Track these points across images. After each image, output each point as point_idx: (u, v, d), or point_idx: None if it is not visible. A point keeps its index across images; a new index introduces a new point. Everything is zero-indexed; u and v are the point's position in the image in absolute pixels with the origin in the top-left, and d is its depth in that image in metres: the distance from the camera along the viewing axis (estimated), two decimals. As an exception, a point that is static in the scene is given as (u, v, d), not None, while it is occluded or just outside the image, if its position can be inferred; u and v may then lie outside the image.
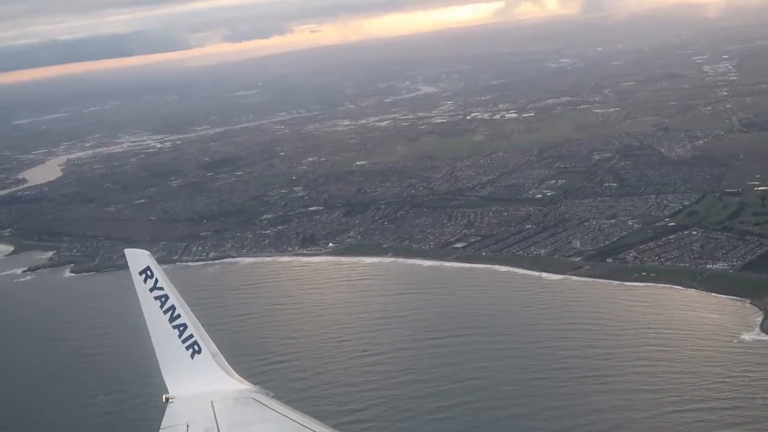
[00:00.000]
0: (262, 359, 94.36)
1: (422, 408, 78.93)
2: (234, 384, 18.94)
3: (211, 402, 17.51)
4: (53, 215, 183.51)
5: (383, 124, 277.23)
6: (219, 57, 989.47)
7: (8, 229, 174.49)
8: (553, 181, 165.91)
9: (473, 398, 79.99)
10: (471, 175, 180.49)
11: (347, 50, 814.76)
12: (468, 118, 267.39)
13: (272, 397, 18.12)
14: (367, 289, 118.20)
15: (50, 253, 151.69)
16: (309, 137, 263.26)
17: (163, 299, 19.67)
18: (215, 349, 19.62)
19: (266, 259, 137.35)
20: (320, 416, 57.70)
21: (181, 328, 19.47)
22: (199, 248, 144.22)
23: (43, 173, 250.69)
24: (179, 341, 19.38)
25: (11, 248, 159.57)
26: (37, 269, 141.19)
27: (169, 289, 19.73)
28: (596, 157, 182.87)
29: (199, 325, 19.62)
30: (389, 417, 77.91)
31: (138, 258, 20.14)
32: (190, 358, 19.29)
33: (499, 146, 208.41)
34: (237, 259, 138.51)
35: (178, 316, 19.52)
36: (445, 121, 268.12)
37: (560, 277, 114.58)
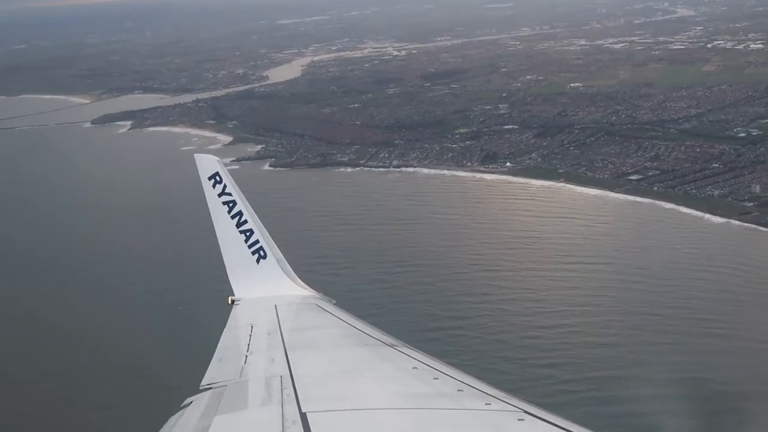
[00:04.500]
0: (397, 263, 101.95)
1: (518, 324, 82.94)
2: (297, 290, 19.30)
3: (275, 306, 17.67)
4: (275, 112, 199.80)
5: (618, 46, 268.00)
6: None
7: (233, 122, 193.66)
8: (765, 121, 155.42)
9: (571, 323, 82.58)
10: (682, 106, 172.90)
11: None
12: (709, 46, 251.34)
13: (335, 304, 18.40)
14: (525, 209, 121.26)
15: (259, 147, 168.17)
16: (537, 55, 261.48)
17: (230, 205, 19.73)
18: (280, 255, 20.04)
19: (445, 172, 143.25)
20: (421, 315, 65.27)
21: (248, 234, 19.72)
22: (386, 155, 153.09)
23: (285, 72, 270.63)
24: (245, 246, 19.69)
25: (230, 139, 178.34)
26: (243, 160, 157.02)
27: (237, 195, 19.85)
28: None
29: (266, 231, 20.15)
30: (481, 328, 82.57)
31: (208, 163, 20.12)
32: (255, 263, 19.63)
33: (726, 78, 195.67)
34: (417, 169, 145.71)
35: (245, 221, 19.80)
36: (683, 47, 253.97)
37: (723, 220, 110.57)
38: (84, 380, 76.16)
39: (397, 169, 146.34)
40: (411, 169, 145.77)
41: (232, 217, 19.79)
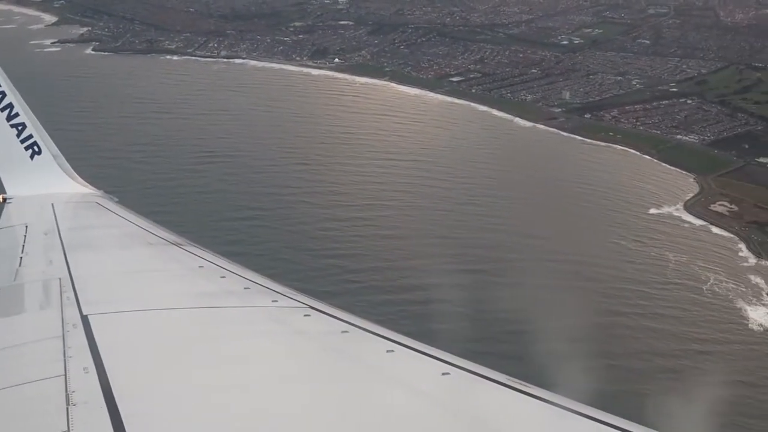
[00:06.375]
0: (210, 153, 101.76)
1: (317, 216, 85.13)
2: (76, 187, 18.16)
3: (52, 204, 16.43)
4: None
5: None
6: None
7: (61, 1, 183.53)
8: (589, 30, 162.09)
9: (367, 216, 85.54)
10: (515, 11, 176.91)
11: None
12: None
13: (117, 202, 17.34)
14: (345, 105, 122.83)
15: (84, 30, 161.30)
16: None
17: None
18: (57, 151, 18.74)
19: (273, 65, 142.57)
20: (224, 206, 65.11)
21: (20, 128, 18.28)
22: (216, 45, 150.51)
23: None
24: (17, 141, 18.27)
25: (55, 19, 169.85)
26: (66, 43, 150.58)
27: (6, 86, 18.34)
28: (650, 11, 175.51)
29: (40, 125, 18.77)
30: (279, 219, 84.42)
31: None
32: (29, 159, 18.27)
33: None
34: (246, 60, 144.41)
35: (17, 114, 18.31)
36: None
37: (530, 124, 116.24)
38: None
39: (224, 60, 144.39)
40: (239, 61, 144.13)
41: (2, 110, 18.34)
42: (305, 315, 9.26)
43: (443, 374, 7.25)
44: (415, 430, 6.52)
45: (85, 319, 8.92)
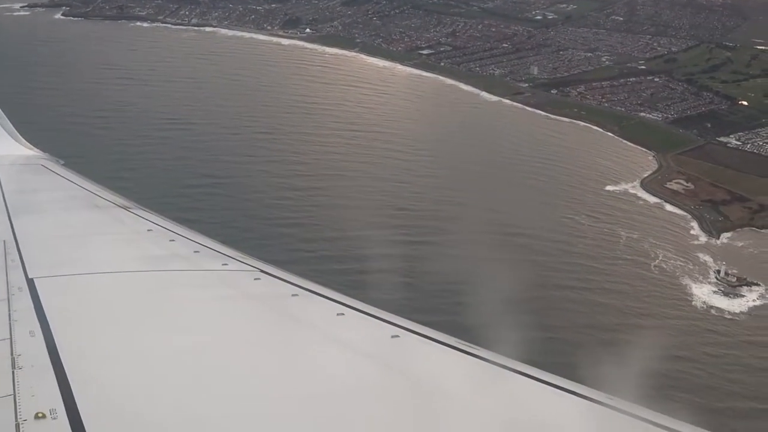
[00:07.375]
0: (172, 120, 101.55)
1: (274, 185, 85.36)
2: (21, 149, 17.58)
3: None
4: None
5: None
6: None
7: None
8: (563, 5, 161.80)
9: (324, 185, 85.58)
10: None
11: None
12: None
13: (63, 165, 16.94)
14: (312, 75, 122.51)
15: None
16: None
17: None
18: (0, 112, 18.65)
19: (244, 34, 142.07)
20: (181, 172, 65.13)
21: None
22: (187, 12, 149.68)
23: None
24: None
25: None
26: (35, 7, 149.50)
27: None
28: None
29: None
30: (236, 186, 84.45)
31: None
32: None
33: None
34: (216, 29, 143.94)
35: None
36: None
37: (496, 98, 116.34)
38: None
39: (195, 28, 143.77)
40: (210, 29, 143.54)
41: None
42: (255, 278, 9.26)
43: (393, 336, 7.36)
44: (365, 392, 6.59)
45: (30, 283, 8.70)
